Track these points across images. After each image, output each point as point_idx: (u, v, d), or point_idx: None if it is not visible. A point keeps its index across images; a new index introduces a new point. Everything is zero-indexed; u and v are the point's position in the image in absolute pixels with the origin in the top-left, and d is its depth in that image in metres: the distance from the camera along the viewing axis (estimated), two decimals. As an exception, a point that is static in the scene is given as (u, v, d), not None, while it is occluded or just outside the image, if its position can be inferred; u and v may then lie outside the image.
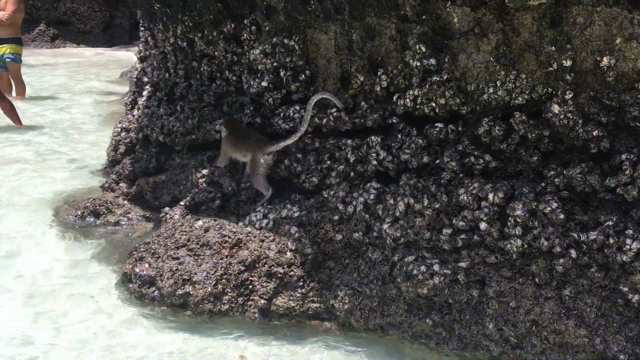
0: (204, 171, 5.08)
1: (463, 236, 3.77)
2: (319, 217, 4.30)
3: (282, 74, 4.65)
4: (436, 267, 3.80)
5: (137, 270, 4.50)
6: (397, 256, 3.97)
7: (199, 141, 5.46)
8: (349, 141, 4.32)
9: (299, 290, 4.20)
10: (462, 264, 3.79)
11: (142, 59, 7.21)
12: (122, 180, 6.08)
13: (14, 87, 11.22)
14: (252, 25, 4.88)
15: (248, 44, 4.98)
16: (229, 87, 5.31)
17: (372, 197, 4.10)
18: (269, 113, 4.77)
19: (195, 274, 4.34)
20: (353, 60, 4.29)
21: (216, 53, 5.31)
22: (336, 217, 4.23)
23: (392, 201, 4.02)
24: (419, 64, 3.99)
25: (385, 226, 3.96)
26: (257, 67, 4.85)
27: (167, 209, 5.06)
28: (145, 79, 6.78)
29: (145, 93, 6.48)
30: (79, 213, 5.80)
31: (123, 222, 5.73)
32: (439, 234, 3.85)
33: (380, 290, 4.04)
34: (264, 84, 4.72)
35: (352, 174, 4.30)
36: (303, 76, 4.58)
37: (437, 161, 4.00)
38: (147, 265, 4.51)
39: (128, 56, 17.41)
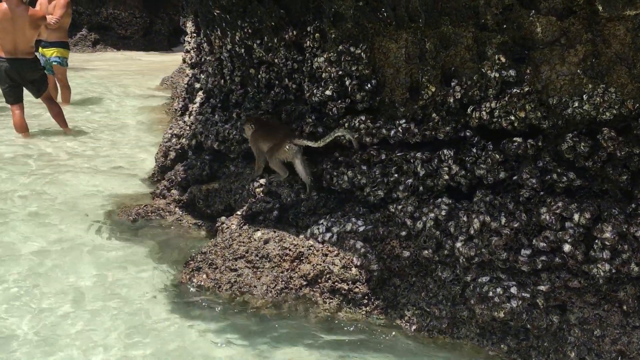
0: (262, 180, 4.93)
1: (543, 258, 3.56)
2: (385, 232, 4.11)
3: (347, 82, 4.48)
4: (514, 290, 3.59)
5: (194, 281, 4.36)
6: (470, 276, 3.76)
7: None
8: (418, 154, 4.13)
9: (363, 308, 4.01)
10: (542, 288, 3.57)
11: (193, 66, 7.13)
12: (173, 187, 5.97)
13: (59, 91, 11.23)
14: (316, 33, 4.73)
15: (311, 51, 4.83)
16: (288, 95, 5.16)
17: (443, 213, 3.90)
18: (332, 123, 4.60)
19: (255, 287, 4.18)
20: (425, 70, 4.11)
21: (276, 60, 5.17)
22: (404, 233, 4.05)
23: (465, 218, 3.81)
24: (497, 74, 3.80)
25: (458, 244, 3.76)
26: (320, 75, 4.69)
27: (223, 218, 4.92)
28: (198, 85, 6.68)
29: (197, 99, 6.37)
30: (131, 218, 5.70)
31: (173, 227, 5.61)
32: (516, 255, 3.63)
33: (450, 312, 3.83)
34: (328, 92, 4.56)
35: (420, 188, 4.11)
36: (369, 85, 4.41)
37: (515, 177, 3.79)
38: (204, 276, 4.37)
39: (167, 62, 17.49)
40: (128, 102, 11.82)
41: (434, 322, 3.85)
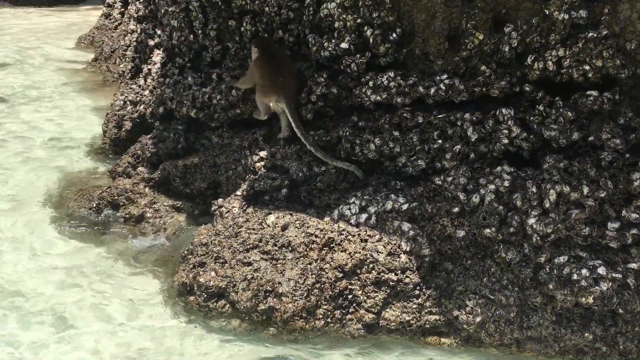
0: (262, 153, 4.16)
1: (635, 231, 3.04)
2: (433, 210, 3.47)
3: (368, 32, 3.74)
4: (602, 271, 3.06)
5: (201, 280, 3.60)
6: (544, 256, 3.20)
7: (244, 116, 4.51)
8: (467, 115, 3.49)
9: (415, 301, 3.39)
10: (633, 265, 3.06)
11: (140, 19, 6.12)
12: (140, 163, 5.06)
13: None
14: (317, -25, 3.94)
15: (310, -4, 4.04)
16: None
17: (506, 183, 3.31)
18: (350, 82, 3.87)
19: (280, 283, 3.47)
20: (471, 14, 3.43)
21: (266, 9, 4.33)
22: (456, 209, 3.43)
23: (534, 189, 3.23)
24: (565, 16, 3.18)
25: (531, 220, 3.18)
26: (330, 25, 3.93)
27: (220, 200, 4.12)
28: (152, 43, 5.71)
29: (156, 59, 5.44)
30: (94, 205, 4.80)
31: (149, 215, 4.74)
32: (602, 229, 3.10)
33: (518, 298, 3.28)
34: (344, 45, 3.81)
35: (472, 155, 3.48)
36: (394, 35, 3.70)
37: (590, 138, 3.22)
38: (213, 274, 3.61)
39: (79, 18, 15.87)
40: (46, 65, 10.43)
41: (500, 310, 3.28)
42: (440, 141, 3.55)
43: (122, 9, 10.57)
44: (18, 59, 10.77)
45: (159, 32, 5.57)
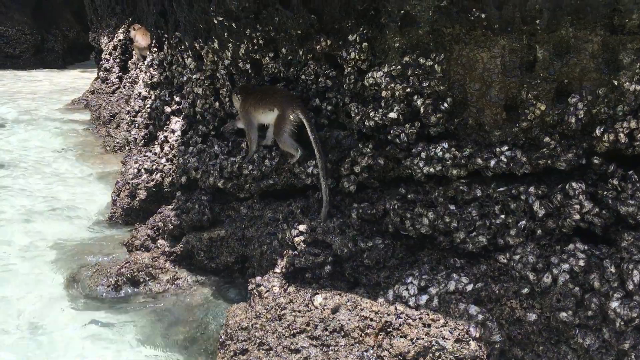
0: (301, 227, 3.84)
1: None
2: (501, 291, 3.17)
3: (418, 102, 3.51)
4: (696, 359, 2.76)
5: (246, 371, 3.20)
6: (627, 343, 2.90)
7: (277, 187, 4.21)
8: (532, 189, 3.24)
9: (486, 392, 3.04)
10: None
11: (154, 86, 5.86)
12: (160, 236, 4.70)
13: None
14: (363, 42, 3.73)
15: (354, 65, 3.83)
16: (319, 118, 4.11)
17: (581, 263, 3.02)
18: (399, 152, 3.61)
19: (335, 374, 3.10)
20: (532, 83, 3.22)
21: (302, 77, 4.10)
22: (525, 290, 3.13)
23: (612, 269, 2.96)
24: (637, 87, 2.98)
25: (614, 304, 2.89)
26: (375, 94, 3.71)
27: (258, 278, 3.77)
28: (168, 110, 5.44)
29: (176, 126, 5.14)
30: (112, 282, 4.41)
31: (171, 291, 4.37)
32: (691, 313, 2.82)
33: (599, 388, 2.95)
34: (393, 115, 3.57)
35: (539, 231, 3.21)
36: (445, 105, 3.47)
37: (669, 214, 2.98)
38: (259, 364, 3.22)
39: (69, 81, 15.63)
40: (41, 127, 10.08)
41: (579, 402, 2.95)
42: (502, 216, 3.27)
43: (120, 74, 10.33)
44: (12, 121, 10.41)
45: (177, 99, 5.30)
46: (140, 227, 4.92)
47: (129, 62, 10.01)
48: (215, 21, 4.31)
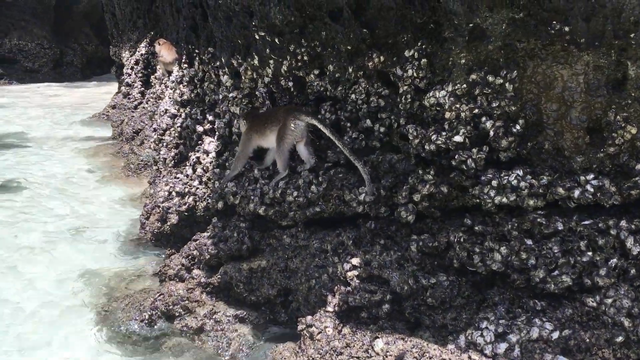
0: (354, 260, 3.47)
1: None
2: (591, 339, 2.78)
3: (488, 125, 3.14)
4: None
5: None
6: None
7: (324, 215, 3.85)
8: (624, 222, 2.85)
9: None
10: None
11: (184, 103, 5.53)
12: (196, 265, 4.35)
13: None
14: (422, 58, 3.37)
15: (411, 83, 3.46)
16: (370, 140, 3.75)
17: (685, 308, 2.63)
18: (465, 180, 3.23)
19: None
20: (622, 104, 2.84)
21: (352, 96, 3.75)
22: (619, 339, 2.75)
23: None
24: None
25: None
26: (436, 115, 3.34)
27: (309, 318, 3.40)
28: (201, 129, 5.10)
29: (210, 147, 4.80)
30: (146, 317, 4.06)
31: (209, 327, 4.02)
32: None
33: None
34: (458, 138, 3.20)
35: (632, 271, 2.82)
36: (517, 127, 3.10)
37: None
38: (317, 419, 2.85)
39: (88, 95, 15.42)
40: (62, 144, 9.81)
41: None
42: (589, 253, 2.89)
43: (142, 89, 10.05)
44: (32, 137, 10.15)
45: (210, 117, 4.97)
46: (174, 255, 4.58)
47: (152, 77, 9.73)
48: (257, 36, 3.97)
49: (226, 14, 4.22)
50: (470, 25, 3.08)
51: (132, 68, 10.33)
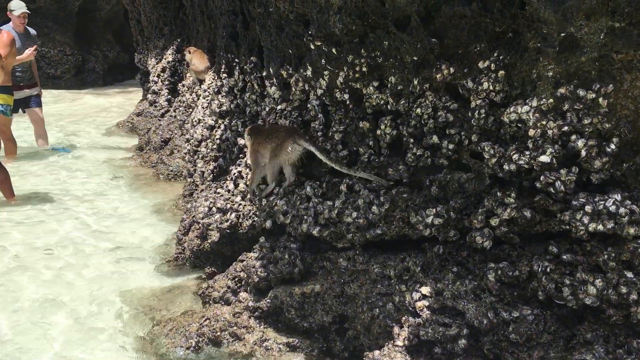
0: (424, 289, 3.15)
1: None
2: None
3: (579, 143, 2.80)
4: None
5: None
6: None
7: (385, 237, 3.52)
8: None
9: None
10: None
11: (223, 114, 5.23)
12: (243, 288, 4.04)
13: (1, 145, 8.72)
14: (500, 70, 3.04)
15: (486, 96, 3.13)
16: (437, 158, 3.42)
17: None
18: (552, 204, 2.90)
19: None
20: None
21: (418, 110, 3.42)
22: None
23: None
24: None
25: None
26: (516, 133, 3.01)
27: (377, 353, 3.09)
28: (242, 142, 4.80)
29: (254, 161, 4.49)
30: (192, 343, 3.75)
31: (259, 355, 3.70)
32: None
33: None
34: (544, 158, 2.86)
35: None
36: (612, 146, 2.76)
37: None
38: None
39: (111, 102, 15.19)
40: (90, 153, 9.53)
41: None
42: None
43: (169, 97, 9.77)
44: (57, 145, 9.87)
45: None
46: (217, 276, 4.27)
47: (179, 84, 9.46)
48: (312, 46, 3.66)
49: (277, 22, 3.92)
50: (562, 34, 2.75)
51: (158, 75, 10.06)
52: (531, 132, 2.93)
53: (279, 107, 4.19)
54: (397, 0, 3.22)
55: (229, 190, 4.75)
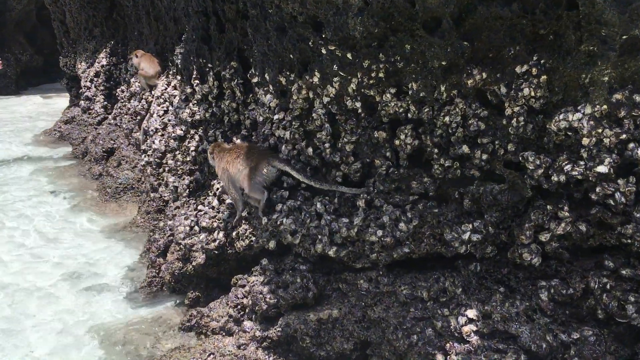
0: (470, 313, 2.87)
1: None
2: None
3: (639, 152, 2.61)
4: None
5: None
6: None
7: (413, 256, 3.22)
8: None
9: None
10: None
11: (196, 124, 4.76)
12: (246, 316, 3.61)
13: None
14: (542, 74, 2.81)
15: (524, 103, 2.89)
16: (465, 170, 3.15)
17: None
18: (610, 217, 2.69)
19: None
20: None
21: (446, 118, 3.14)
22: None
23: None
24: None
25: None
26: (563, 141, 2.78)
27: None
28: (224, 153, 4.33)
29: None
30: (198, 387, 3.27)
31: (274, 392, 3.29)
32: None
33: None
34: (602, 169, 2.65)
35: None
36: (670, 156, 2.59)
37: None
38: None
39: (30, 109, 14.02)
40: (17, 166, 8.64)
41: None
42: None
43: (105, 103, 9.03)
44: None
45: (237, 140, 4.23)
46: (213, 304, 3.82)
47: (117, 90, 8.75)
48: (323, 50, 3.29)
49: (278, 24, 3.51)
50: (625, 37, 2.53)
51: (91, 81, 9.28)
52: (585, 141, 2.71)
53: (275, 116, 3.78)
54: (428, 0, 2.90)
55: (213, 207, 4.29)
